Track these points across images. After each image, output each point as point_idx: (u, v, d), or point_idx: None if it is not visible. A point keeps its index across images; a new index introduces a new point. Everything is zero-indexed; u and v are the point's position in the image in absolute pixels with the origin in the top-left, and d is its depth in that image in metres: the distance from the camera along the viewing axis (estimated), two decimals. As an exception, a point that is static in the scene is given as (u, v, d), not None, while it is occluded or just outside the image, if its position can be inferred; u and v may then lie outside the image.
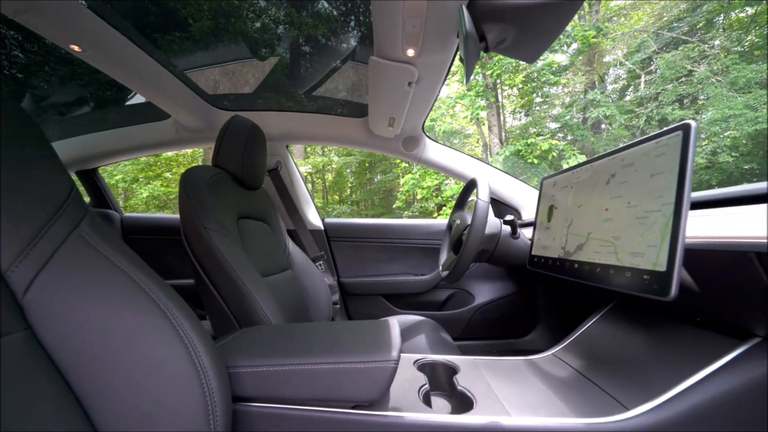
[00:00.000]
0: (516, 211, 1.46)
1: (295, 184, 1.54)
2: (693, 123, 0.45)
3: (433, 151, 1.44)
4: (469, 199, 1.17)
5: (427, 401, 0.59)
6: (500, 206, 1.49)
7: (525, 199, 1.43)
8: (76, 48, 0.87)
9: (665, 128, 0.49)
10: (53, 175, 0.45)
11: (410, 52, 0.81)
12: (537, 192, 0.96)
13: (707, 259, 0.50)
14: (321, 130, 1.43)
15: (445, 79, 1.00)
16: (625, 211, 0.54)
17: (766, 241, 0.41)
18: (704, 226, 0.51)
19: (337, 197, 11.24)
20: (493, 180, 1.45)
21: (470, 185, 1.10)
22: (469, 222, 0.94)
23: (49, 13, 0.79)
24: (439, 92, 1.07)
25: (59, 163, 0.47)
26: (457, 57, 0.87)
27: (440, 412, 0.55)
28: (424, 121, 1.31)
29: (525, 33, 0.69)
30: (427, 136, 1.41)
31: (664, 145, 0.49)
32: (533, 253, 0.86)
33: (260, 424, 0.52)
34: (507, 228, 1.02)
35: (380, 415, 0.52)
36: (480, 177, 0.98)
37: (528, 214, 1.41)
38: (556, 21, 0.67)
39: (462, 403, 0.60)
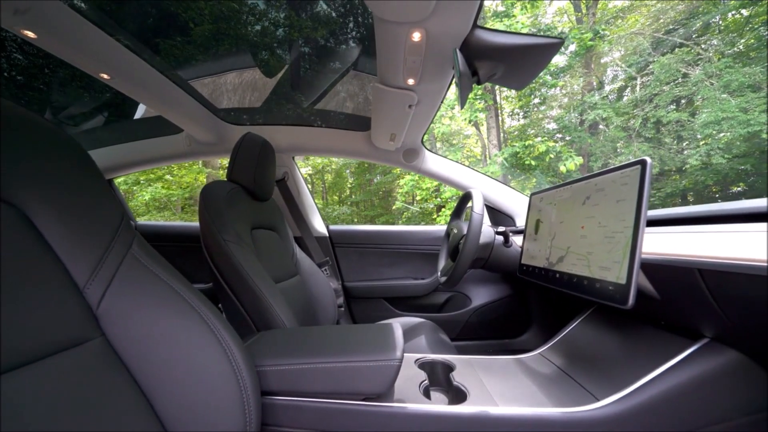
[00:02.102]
0: (510, 218, 1.55)
1: (301, 193, 1.63)
2: (649, 160, 0.54)
3: (431, 161, 1.53)
4: (467, 206, 1.26)
5: (426, 395, 0.68)
6: (496, 214, 1.58)
7: (518, 206, 1.51)
8: (105, 76, 0.96)
9: (628, 161, 0.58)
10: (109, 203, 0.53)
11: (410, 81, 0.89)
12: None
13: (664, 272, 0.58)
14: (326, 142, 1.52)
15: (442, 100, 1.08)
16: (597, 230, 0.63)
17: (704, 259, 0.49)
18: (663, 244, 0.60)
19: (336, 197, 11.32)
20: (489, 189, 1.53)
21: (466, 197, 1.18)
22: (465, 232, 1.02)
23: (82, 45, 0.87)
24: (437, 111, 1.15)
25: (111, 191, 0.55)
26: (453, 82, 0.96)
27: (438, 404, 0.63)
28: (423, 135, 1.40)
29: (513, 68, 0.77)
30: (426, 148, 1.49)
31: (627, 175, 0.58)
32: (522, 261, 0.94)
33: (284, 415, 0.61)
34: (500, 238, 1.11)
35: (387, 406, 0.60)
36: (475, 190, 1.06)
37: (521, 221, 1.50)
38: (541, 57, 0.75)
39: (457, 396, 0.69)
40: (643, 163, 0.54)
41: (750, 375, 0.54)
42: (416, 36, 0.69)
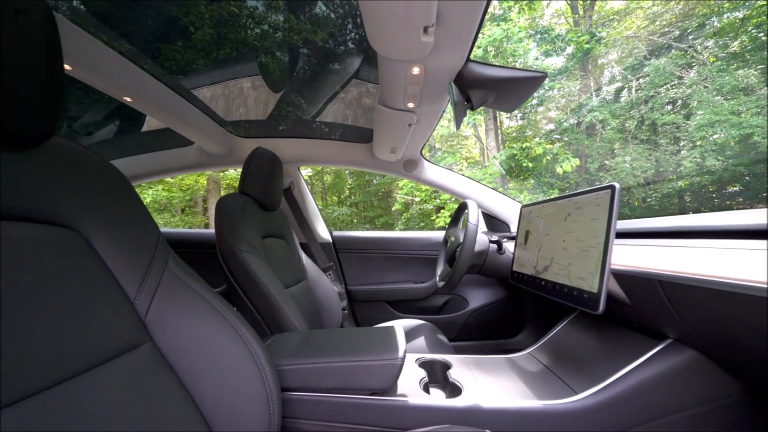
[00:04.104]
0: (505, 224, 1.63)
1: (306, 201, 1.71)
2: (617, 185, 0.62)
3: (430, 171, 1.61)
4: (466, 211, 1.34)
5: (426, 390, 0.76)
6: (492, 220, 1.66)
7: (513, 213, 1.60)
8: (128, 99, 1.04)
9: (601, 185, 0.66)
10: (147, 223, 0.61)
11: (410, 105, 0.97)
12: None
13: (633, 282, 0.67)
14: (330, 153, 1.60)
15: (440, 118, 1.16)
16: (576, 244, 0.71)
17: (661, 272, 0.58)
18: (634, 256, 0.68)
19: (336, 198, 11.39)
20: (485, 197, 1.61)
21: (462, 207, 1.26)
22: (461, 240, 1.11)
23: (108, 72, 0.95)
24: (435, 126, 1.24)
25: (148, 213, 0.63)
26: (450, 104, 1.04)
27: (436, 398, 0.71)
28: (422, 147, 1.48)
29: (502, 95, 0.85)
30: (425, 158, 1.58)
31: (600, 197, 0.66)
32: (514, 268, 1.03)
33: (300, 408, 0.69)
34: (494, 246, 1.19)
35: (391, 400, 0.68)
36: (471, 201, 1.14)
37: (515, 227, 1.58)
38: (526, 88, 0.84)
39: (453, 391, 0.77)
40: (612, 188, 0.63)
41: (705, 370, 0.62)
42: (416, 70, 0.77)
